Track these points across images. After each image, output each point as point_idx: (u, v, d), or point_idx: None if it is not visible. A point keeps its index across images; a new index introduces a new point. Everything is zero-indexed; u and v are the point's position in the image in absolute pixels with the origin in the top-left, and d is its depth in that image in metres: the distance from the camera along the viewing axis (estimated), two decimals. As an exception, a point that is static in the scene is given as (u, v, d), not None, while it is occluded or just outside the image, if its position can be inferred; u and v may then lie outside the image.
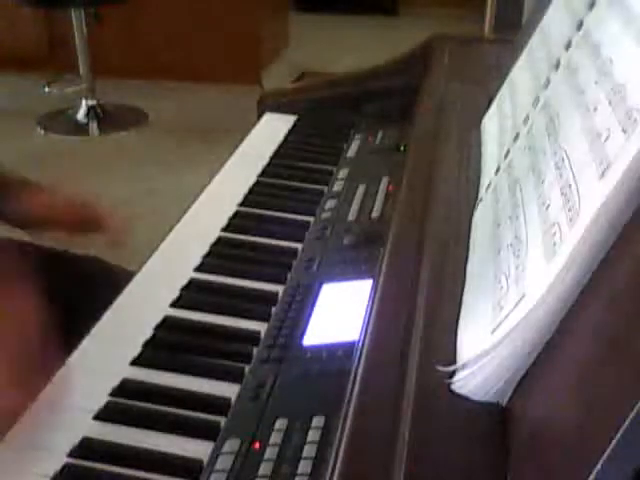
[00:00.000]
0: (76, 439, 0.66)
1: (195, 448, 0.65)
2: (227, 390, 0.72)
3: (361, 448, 0.53)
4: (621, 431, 0.38)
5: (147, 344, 0.78)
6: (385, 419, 0.53)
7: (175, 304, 0.85)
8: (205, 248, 0.95)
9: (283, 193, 1.10)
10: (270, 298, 0.85)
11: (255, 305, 0.84)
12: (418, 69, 1.30)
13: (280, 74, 3.83)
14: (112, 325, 0.82)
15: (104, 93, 3.49)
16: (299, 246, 0.95)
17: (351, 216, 0.99)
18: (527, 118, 0.78)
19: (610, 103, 0.57)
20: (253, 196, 1.09)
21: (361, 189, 1.06)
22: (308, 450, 0.61)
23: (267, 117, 1.38)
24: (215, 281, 0.89)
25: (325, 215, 1.02)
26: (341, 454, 0.52)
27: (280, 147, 1.26)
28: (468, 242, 0.73)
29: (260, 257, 0.94)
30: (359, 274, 0.84)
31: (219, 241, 0.97)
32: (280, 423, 0.65)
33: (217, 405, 0.70)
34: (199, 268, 0.91)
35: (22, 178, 1.00)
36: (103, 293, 0.88)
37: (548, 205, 0.59)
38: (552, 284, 0.51)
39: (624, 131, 0.52)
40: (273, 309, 0.83)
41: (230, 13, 3.69)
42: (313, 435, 0.62)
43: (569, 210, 0.54)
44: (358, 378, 0.59)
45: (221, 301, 0.85)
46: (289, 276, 0.89)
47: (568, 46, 0.77)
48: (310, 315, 0.79)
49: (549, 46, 0.86)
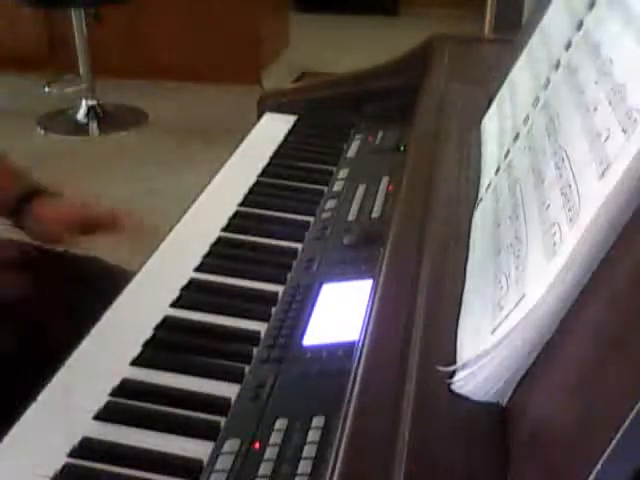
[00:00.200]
0: (76, 439, 0.66)
1: (195, 448, 0.66)
2: (227, 390, 0.72)
3: (361, 448, 0.53)
4: (621, 431, 0.38)
5: (147, 344, 0.78)
6: (385, 419, 0.53)
7: (175, 304, 0.85)
8: (205, 248, 0.95)
9: (283, 193, 1.10)
10: (270, 298, 0.85)
11: (255, 305, 0.84)
12: (418, 69, 1.30)
13: (280, 74, 3.83)
14: (112, 325, 0.82)
15: (104, 93, 3.49)
16: (299, 246, 0.95)
17: (351, 216, 0.99)
18: (527, 118, 0.78)
19: (610, 103, 0.57)
20: (253, 196, 1.09)
21: (361, 189, 1.06)
22: (308, 450, 0.61)
23: (267, 117, 1.38)
24: (215, 281, 0.89)
25: (325, 215, 1.02)
26: (341, 454, 0.52)
27: (280, 147, 1.26)
28: (468, 242, 0.73)
29: (260, 257, 0.94)
30: (359, 274, 0.84)
31: (219, 241, 0.97)
32: (280, 423, 0.65)
33: (217, 405, 0.70)
34: (199, 268, 0.91)
35: (37, 185, 1.01)
36: (103, 293, 0.88)
37: (548, 205, 0.59)
38: (552, 284, 0.51)
39: (624, 131, 0.52)
40: (273, 309, 0.83)
41: (230, 13, 3.69)
42: (313, 435, 0.62)
43: (569, 210, 0.54)
44: (358, 378, 0.59)
45: (221, 301, 0.85)
46: (289, 276, 0.89)
47: (568, 46, 0.77)
48: (310, 315, 0.79)
49: (549, 46, 0.86)
